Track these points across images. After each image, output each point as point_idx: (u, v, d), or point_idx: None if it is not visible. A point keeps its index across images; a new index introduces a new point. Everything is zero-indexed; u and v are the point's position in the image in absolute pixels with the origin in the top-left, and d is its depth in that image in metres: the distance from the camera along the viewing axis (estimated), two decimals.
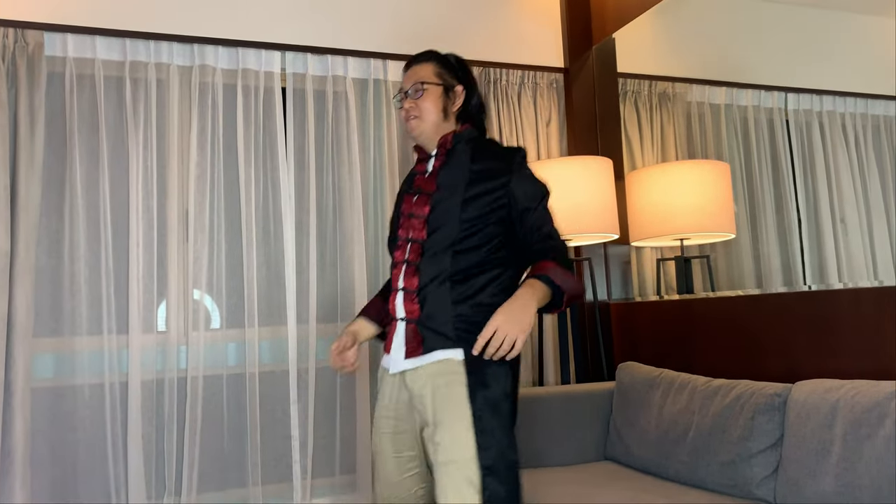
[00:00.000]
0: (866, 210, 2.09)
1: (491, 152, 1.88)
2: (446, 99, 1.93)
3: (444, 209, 1.80)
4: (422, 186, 1.89)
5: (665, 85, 2.94)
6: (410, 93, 1.92)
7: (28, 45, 2.49)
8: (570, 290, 1.73)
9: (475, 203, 1.79)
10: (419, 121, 1.91)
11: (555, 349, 3.13)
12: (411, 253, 1.82)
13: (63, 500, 2.50)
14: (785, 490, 1.87)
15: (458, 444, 1.67)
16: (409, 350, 1.77)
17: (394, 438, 1.84)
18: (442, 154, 1.91)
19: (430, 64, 1.96)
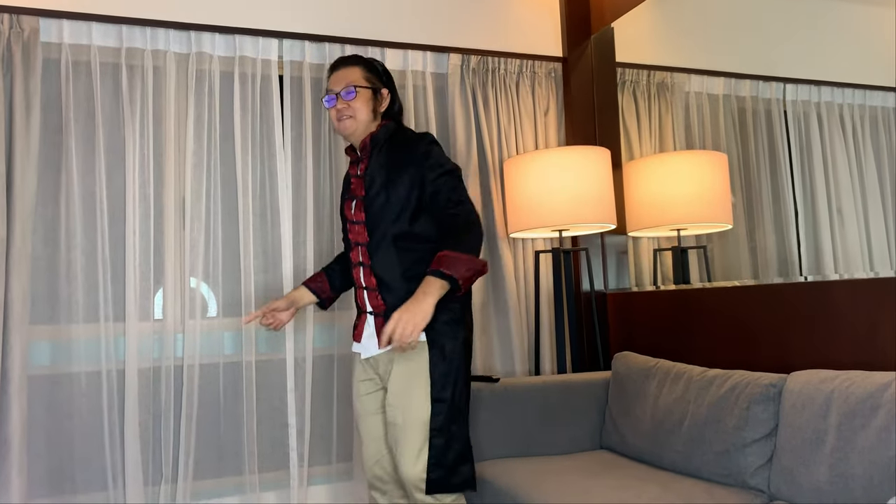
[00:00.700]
0: (863, 201, 2.09)
1: (401, 142, 2.08)
2: (375, 101, 2.14)
3: (375, 211, 2.04)
4: (355, 191, 2.12)
5: (663, 75, 2.93)
6: (343, 94, 2.09)
7: (23, 31, 2.48)
8: (461, 276, 1.88)
9: (396, 198, 2.02)
10: (353, 120, 2.10)
11: (551, 338, 3.13)
12: (363, 256, 2.08)
13: (60, 487, 2.51)
14: (779, 479, 1.88)
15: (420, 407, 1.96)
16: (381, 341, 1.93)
17: (376, 396, 2.15)
18: (366, 156, 2.12)
19: (357, 68, 2.14)
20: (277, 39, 2.86)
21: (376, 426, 2.15)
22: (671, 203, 2.61)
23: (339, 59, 2.18)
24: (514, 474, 2.23)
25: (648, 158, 2.73)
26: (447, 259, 1.88)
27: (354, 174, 2.14)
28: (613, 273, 3.19)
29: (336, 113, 2.11)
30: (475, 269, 1.90)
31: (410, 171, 2.01)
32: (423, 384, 1.97)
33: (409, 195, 2.01)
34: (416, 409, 1.96)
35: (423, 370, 1.97)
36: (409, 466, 1.95)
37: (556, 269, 2.95)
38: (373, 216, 2.04)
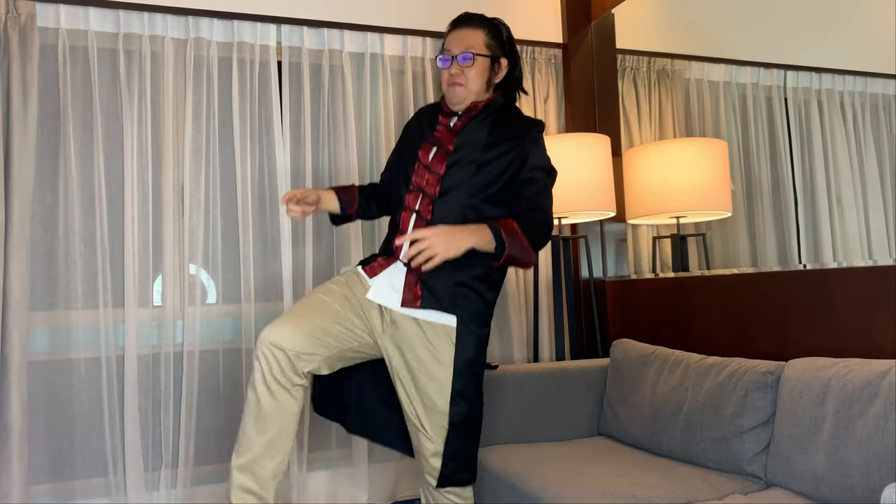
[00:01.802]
0: (862, 189, 2.09)
1: (510, 120, 1.95)
2: (491, 71, 1.99)
3: (459, 172, 1.89)
4: (442, 141, 1.96)
5: (664, 62, 2.92)
6: (459, 59, 1.94)
7: (20, 16, 2.46)
8: (510, 252, 1.80)
9: (487, 169, 1.89)
10: (464, 89, 1.95)
11: (550, 325, 3.14)
12: (422, 205, 1.91)
13: (60, 472, 2.52)
14: (776, 466, 1.89)
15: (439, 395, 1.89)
16: (406, 300, 1.88)
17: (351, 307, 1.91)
18: (466, 118, 1.98)
19: (480, 31, 1.98)
20: (276, 25, 2.84)
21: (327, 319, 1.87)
22: (671, 190, 2.60)
23: (463, 15, 2.01)
24: (512, 461, 2.24)
25: (648, 146, 2.73)
26: (512, 230, 1.80)
27: (446, 124, 1.99)
28: (612, 260, 3.19)
29: (449, 77, 1.95)
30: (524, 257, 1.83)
31: (513, 152, 1.90)
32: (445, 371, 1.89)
33: (501, 174, 1.90)
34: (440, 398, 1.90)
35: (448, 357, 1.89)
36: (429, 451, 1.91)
37: (556, 256, 2.95)
38: (454, 175, 1.89)
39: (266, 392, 1.80)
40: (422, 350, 1.90)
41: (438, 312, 1.89)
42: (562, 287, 3.02)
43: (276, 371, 1.80)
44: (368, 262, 2.00)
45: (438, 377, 1.89)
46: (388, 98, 2.98)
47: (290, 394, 1.81)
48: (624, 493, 1.86)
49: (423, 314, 1.90)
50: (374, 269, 1.96)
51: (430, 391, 1.90)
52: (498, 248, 1.80)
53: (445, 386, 1.89)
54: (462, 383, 1.90)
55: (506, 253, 1.80)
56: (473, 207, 1.89)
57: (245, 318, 2.72)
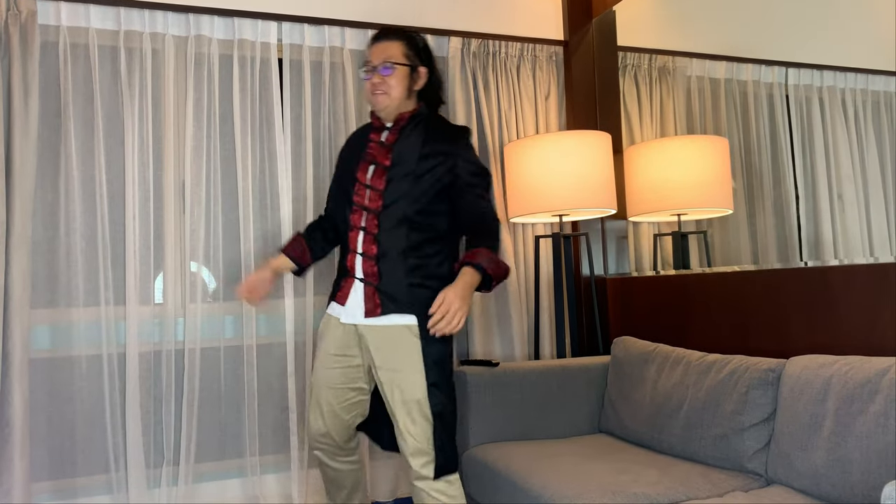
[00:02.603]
0: (864, 187, 2.09)
1: (440, 131, 2.09)
2: (411, 79, 2.12)
3: (398, 185, 2.03)
4: (376, 158, 2.10)
5: (665, 59, 2.92)
6: (380, 69, 2.09)
7: (21, 14, 2.46)
8: (497, 276, 1.97)
9: (425, 179, 2.02)
10: (386, 97, 2.09)
11: (550, 323, 3.14)
12: (368, 222, 2.06)
13: (61, 470, 2.52)
14: (776, 463, 1.90)
15: (415, 388, 2.00)
16: (368, 310, 2.04)
17: (345, 371, 2.14)
18: (396, 130, 2.11)
19: (398, 43, 2.12)
20: (276, 22, 2.84)
21: (338, 398, 2.15)
22: (672, 188, 2.60)
23: (381, 30, 2.14)
24: (513, 458, 2.24)
25: (649, 143, 2.72)
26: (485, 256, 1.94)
27: (377, 140, 2.12)
28: (613, 258, 3.19)
29: (371, 86, 2.10)
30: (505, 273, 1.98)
31: (446, 161, 2.04)
32: (416, 365, 2.00)
33: (437, 182, 2.03)
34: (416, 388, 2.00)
35: (416, 352, 2.01)
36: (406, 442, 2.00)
37: (556, 253, 2.95)
38: (394, 189, 2.02)
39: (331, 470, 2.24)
40: (391, 353, 2.03)
41: (399, 315, 2.03)
42: (563, 284, 3.02)
43: (333, 451, 2.21)
44: (335, 292, 2.17)
45: (411, 374, 2.01)
46: None
47: (348, 461, 2.24)
48: (625, 490, 1.86)
49: (386, 320, 2.04)
50: (343, 296, 2.12)
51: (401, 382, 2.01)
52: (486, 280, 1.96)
53: (420, 380, 2.00)
54: (434, 375, 2.02)
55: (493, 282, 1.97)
56: (415, 217, 2.03)
57: (246, 315, 2.73)
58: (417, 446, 2.00)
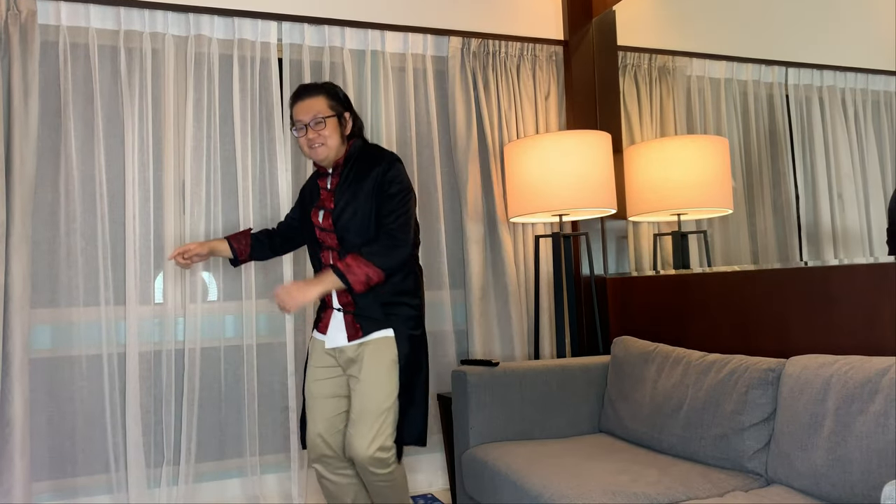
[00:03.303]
0: (864, 186, 2.09)
1: (367, 158, 2.23)
2: (341, 126, 2.25)
3: (345, 224, 2.19)
4: (324, 203, 2.26)
5: (665, 59, 2.92)
6: (312, 125, 2.20)
7: (21, 14, 2.46)
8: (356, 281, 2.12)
9: (365, 207, 2.18)
10: (326, 148, 2.21)
11: (550, 323, 3.14)
12: (333, 258, 2.23)
13: (62, 469, 2.52)
14: (776, 463, 1.90)
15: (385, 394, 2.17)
16: (351, 335, 2.22)
17: (334, 382, 2.30)
18: (337, 174, 2.26)
19: (321, 97, 2.24)
20: (276, 22, 2.84)
21: (330, 408, 2.29)
22: (672, 188, 2.60)
23: (300, 88, 2.25)
24: (513, 457, 2.24)
25: (649, 143, 2.73)
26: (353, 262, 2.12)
27: (324, 187, 2.28)
28: (613, 258, 3.19)
29: (307, 142, 2.22)
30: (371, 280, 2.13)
31: (372, 186, 2.18)
32: (389, 375, 2.18)
33: (371, 208, 2.18)
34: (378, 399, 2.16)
35: (391, 362, 2.19)
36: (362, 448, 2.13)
37: (556, 253, 2.95)
38: (342, 227, 2.19)
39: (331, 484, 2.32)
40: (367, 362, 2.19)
41: (380, 331, 2.21)
42: (563, 284, 3.02)
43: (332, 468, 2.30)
44: (317, 322, 2.35)
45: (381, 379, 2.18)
46: (388, 95, 2.98)
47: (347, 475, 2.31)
48: (625, 489, 1.86)
49: (367, 338, 2.21)
50: (325, 325, 2.30)
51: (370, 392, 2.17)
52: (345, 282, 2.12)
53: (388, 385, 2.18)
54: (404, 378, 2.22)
55: (350, 284, 2.11)
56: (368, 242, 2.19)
57: (246, 315, 2.73)
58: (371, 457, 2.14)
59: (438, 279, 3.04)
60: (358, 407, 2.18)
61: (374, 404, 2.17)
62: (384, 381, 2.19)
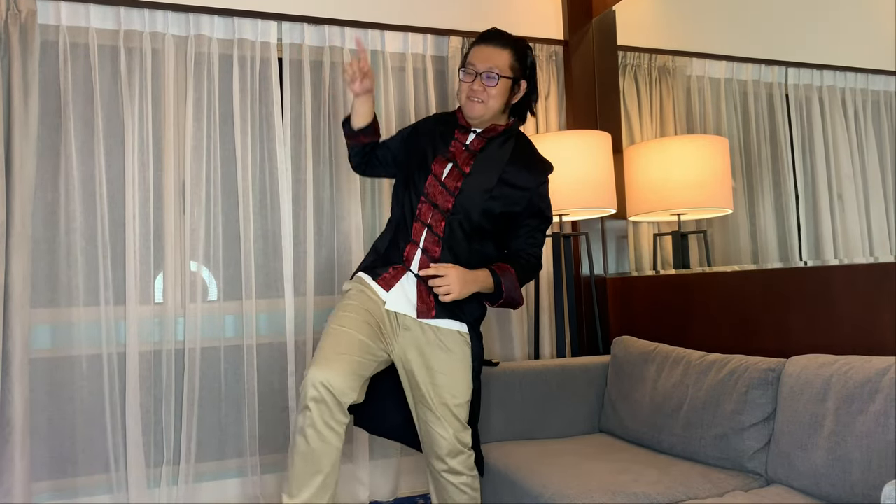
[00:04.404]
0: (864, 186, 2.09)
1: (526, 161, 2.06)
2: (511, 92, 2.04)
3: (472, 196, 1.99)
4: (457, 159, 2.03)
5: (665, 58, 2.92)
6: (484, 77, 1.98)
7: (21, 13, 2.46)
8: (507, 298, 2.01)
9: (499, 201, 2.01)
10: (484, 106, 1.99)
11: (551, 323, 3.14)
12: (435, 220, 2.00)
13: (62, 469, 2.52)
14: (776, 463, 1.90)
15: (463, 392, 2.03)
16: (421, 311, 2.00)
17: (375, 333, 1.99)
18: (484, 138, 2.05)
19: (507, 52, 2.01)
20: (277, 22, 2.84)
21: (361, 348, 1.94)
22: (672, 188, 2.60)
23: (492, 32, 2.03)
24: (513, 457, 2.24)
25: (649, 143, 2.73)
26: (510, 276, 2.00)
27: (463, 142, 2.05)
28: (613, 257, 3.19)
29: (469, 91, 1.99)
30: (517, 300, 2.03)
31: (523, 190, 2.03)
32: (467, 371, 2.05)
33: (507, 206, 2.02)
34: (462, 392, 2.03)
35: (468, 360, 2.05)
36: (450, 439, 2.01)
37: (556, 253, 2.95)
38: (467, 198, 1.99)
39: (316, 436, 1.86)
40: (439, 352, 2.03)
41: (455, 322, 2.04)
42: (563, 284, 3.02)
43: (326, 415, 1.86)
44: (378, 274, 2.05)
45: (458, 375, 2.03)
46: (388, 95, 2.98)
47: (337, 433, 1.88)
48: (625, 489, 1.86)
49: (437, 322, 2.03)
50: (388, 280, 2.03)
51: (451, 387, 2.02)
52: (496, 293, 2.01)
53: (466, 382, 2.04)
54: (477, 381, 2.09)
55: (503, 297, 2.00)
56: (480, 231, 2.02)
57: (246, 315, 2.73)
58: (454, 446, 2.03)
59: None
60: (438, 400, 2.01)
61: (458, 398, 2.02)
62: (464, 377, 2.03)
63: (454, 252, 2.01)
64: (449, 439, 2.03)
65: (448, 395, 2.02)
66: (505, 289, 1.99)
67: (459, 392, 2.03)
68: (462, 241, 2.01)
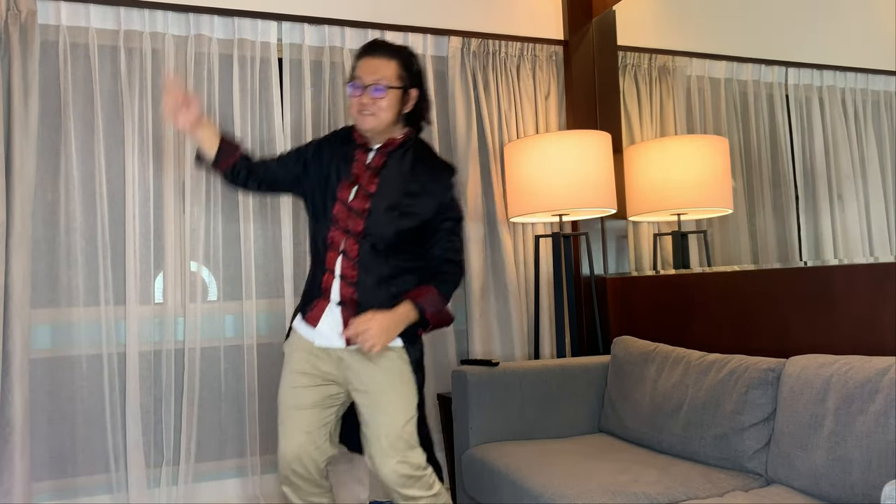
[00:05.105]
0: (864, 186, 2.09)
1: (428, 168, 2.02)
2: (402, 102, 2.00)
3: (381, 215, 1.96)
4: (360, 181, 2.00)
5: (665, 58, 2.92)
6: (371, 90, 1.95)
7: (21, 13, 2.46)
8: (435, 322, 1.99)
9: (408, 215, 1.97)
10: (375, 119, 1.96)
11: (550, 323, 3.14)
12: (348, 245, 1.97)
13: (62, 469, 2.52)
14: (776, 463, 1.90)
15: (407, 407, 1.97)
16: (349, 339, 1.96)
17: (316, 391, 2.03)
18: (384, 153, 2.02)
19: (393, 62, 1.97)
20: (276, 22, 2.84)
21: (310, 420, 2.03)
22: (672, 187, 2.60)
23: (375, 43, 2.00)
24: (513, 457, 2.24)
25: (649, 143, 2.73)
26: (431, 299, 1.95)
27: (365, 162, 2.02)
28: (613, 257, 3.19)
29: (359, 105, 1.97)
30: (445, 321, 2.02)
31: (431, 198, 1.99)
32: (407, 386, 1.99)
33: (421, 217, 1.98)
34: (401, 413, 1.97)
35: (406, 374, 2.00)
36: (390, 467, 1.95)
37: (556, 253, 2.95)
38: (376, 218, 1.96)
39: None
40: (375, 374, 1.98)
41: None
42: (563, 284, 3.02)
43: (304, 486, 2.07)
44: (306, 311, 2.06)
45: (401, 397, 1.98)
46: None
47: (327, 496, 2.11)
48: (625, 489, 1.86)
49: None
50: (315, 315, 2.02)
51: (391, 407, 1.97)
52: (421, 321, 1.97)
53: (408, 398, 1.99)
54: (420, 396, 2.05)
55: (430, 324, 1.99)
56: (395, 247, 1.98)
57: (246, 315, 2.73)
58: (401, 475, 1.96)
59: None
60: (375, 424, 1.95)
61: (397, 420, 1.94)
62: (404, 394, 1.97)
63: (372, 273, 1.96)
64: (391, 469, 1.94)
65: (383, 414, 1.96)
66: (430, 316, 1.96)
67: (402, 411, 1.96)
68: (378, 260, 1.97)
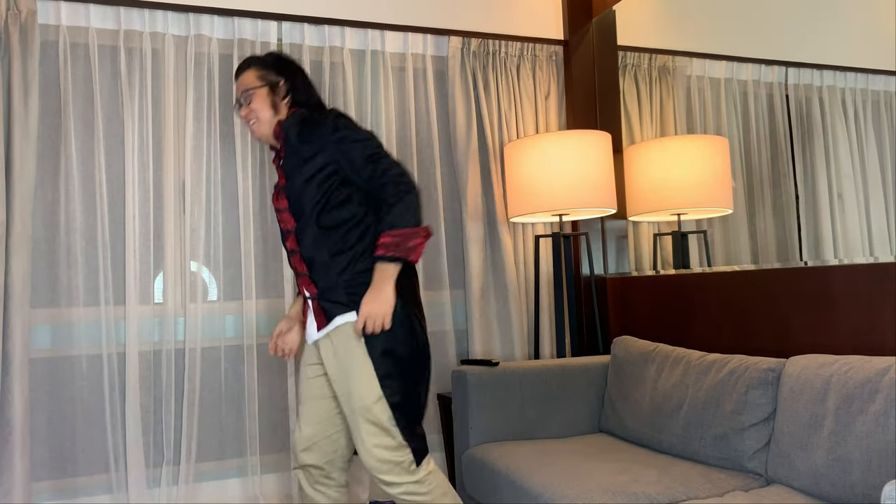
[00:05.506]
0: (864, 186, 2.09)
1: (310, 127, 2.01)
2: (273, 96, 2.11)
3: (297, 198, 2.00)
4: (278, 181, 2.10)
5: (665, 58, 2.92)
6: (243, 102, 2.11)
7: (21, 13, 2.46)
8: (408, 255, 1.91)
9: (315, 180, 1.98)
10: (258, 122, 2.09)
11: (551, 323, 3.14)
12: (292, 243, 2.05)
13: (62, 469, 2.52)
14: (776, 463, 1.90)
15: (368, 391, 1.94)
16: (319, 324, 2.01)
17: (319, 380, 2.14)
18: (281, 147, 2.08)
19: (250, 70, 2.12)
20: (276, 22, 2.84)
21: (317, 410, 2.12)
22: (672, 188, 2.60)
23: (239, 65, 2.15)
24: (513, 457, 2.24)
25: (649, 143, 2.73)
26: (390, 243, 1.90)
27: (276, 164, 2.11)
28: (613, 257, 3.19)
29: (244, 120, 2.12)
30: (419, 240, 1.92)
31: (321, 150, 1.97)
32: (361, 367, 1.94)
33: (329, 174, 1.97)
34: (358, 397, 1.94)
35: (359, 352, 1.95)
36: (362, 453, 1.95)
37: (556, 253, 2.95)
38: (294, 202, 2.00)
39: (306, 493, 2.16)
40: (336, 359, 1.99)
41: (343, 315, 1.98)
42: (563, 284, 3.02)
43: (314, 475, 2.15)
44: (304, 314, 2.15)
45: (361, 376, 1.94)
46: (388, 95, 2.98)
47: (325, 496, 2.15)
48: (625, 489, 1.86)
49: (332, 326, 1.99)
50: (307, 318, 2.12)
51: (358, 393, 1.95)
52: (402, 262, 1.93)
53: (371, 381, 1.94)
54: (386, 366, 1.94)
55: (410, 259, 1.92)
56: (322, 219, 1.98)
57: (247, 314, 2.73)
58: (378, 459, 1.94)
59: (438, 279, 3.04)
60: (346, 410, 1.98)
61: (363, 400, 1.93)
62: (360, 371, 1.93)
63: (317, 255, 1.99)
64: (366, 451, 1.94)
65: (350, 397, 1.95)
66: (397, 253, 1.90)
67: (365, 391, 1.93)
68: (318, 241, 1.98)
